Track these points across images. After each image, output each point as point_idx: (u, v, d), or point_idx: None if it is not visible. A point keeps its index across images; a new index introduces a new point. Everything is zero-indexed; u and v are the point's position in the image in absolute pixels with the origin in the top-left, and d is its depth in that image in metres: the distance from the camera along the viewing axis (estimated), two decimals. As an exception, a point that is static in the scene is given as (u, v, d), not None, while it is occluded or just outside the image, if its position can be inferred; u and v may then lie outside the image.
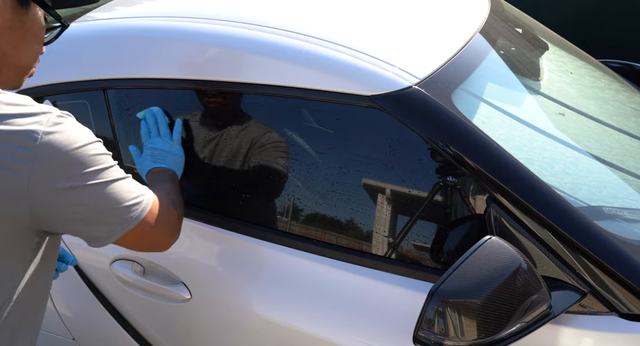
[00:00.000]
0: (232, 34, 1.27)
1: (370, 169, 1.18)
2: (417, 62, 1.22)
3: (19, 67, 0.92)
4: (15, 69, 0.92)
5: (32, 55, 0.93)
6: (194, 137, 1.32)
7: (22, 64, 0.92)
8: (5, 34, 0.87)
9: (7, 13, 0.86)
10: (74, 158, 0.82)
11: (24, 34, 0.89)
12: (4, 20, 0.86)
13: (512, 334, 0.97)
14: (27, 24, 0.89)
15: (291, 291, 1.23)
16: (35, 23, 0.91)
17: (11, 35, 0.87)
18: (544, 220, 1.06)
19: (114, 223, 0.89)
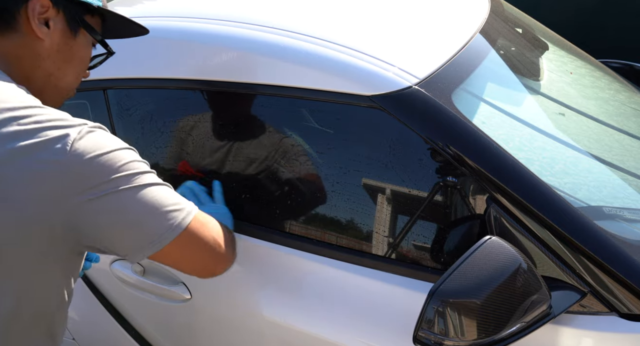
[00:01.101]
0: (232, 33, 1.27)
1: (370, 169, 1.18)
2: (417, 62, 1.22)
3: (59, 87, 0.94)
4: (56, 89, 0.94)
5: (75, 77, 0.96)
6: (192, 136, 1.32)
7: (64, 85, 0.94)
8: (52, 56, 0.90)
9: (56, 36, 0.89)
10: (106, 162, 0.80)
11: (70, 57, 0.92)
12: (52, 42, 0.89)
13: (512, 334, 0.97)
14: (74, 47, 0.92)
15: (291, 291, 1.23)
16: (82, 47, 0.94)
17: (57, 57, 0.90)
18: (544, 220, 1.06)
19: (150, 233, 0.84)
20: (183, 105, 1.34)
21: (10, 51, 0.86)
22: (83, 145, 0.78)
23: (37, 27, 0.86)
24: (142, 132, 1.36)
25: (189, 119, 1.33)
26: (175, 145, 1.35)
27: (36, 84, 0.91)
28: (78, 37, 0.92)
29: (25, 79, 0.89)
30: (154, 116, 1.36)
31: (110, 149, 0.81)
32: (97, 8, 0.94)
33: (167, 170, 1.36)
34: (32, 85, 0.90)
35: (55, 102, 0.95)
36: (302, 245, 1.23)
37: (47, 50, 0.89)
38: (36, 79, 0.90)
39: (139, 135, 1.36)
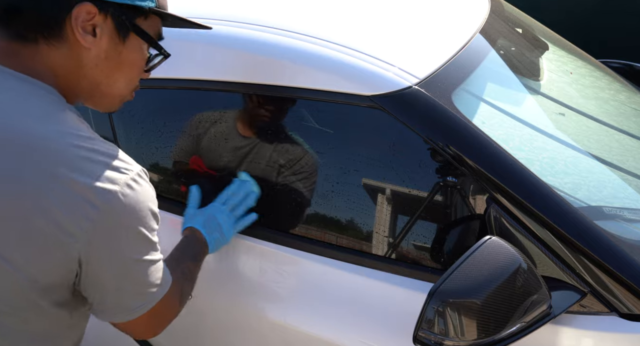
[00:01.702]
0: (232, 34, 1.27)
1: (370, 169, 1.18)
2: (417, 62, 1.22)
3: (111, 94, 0.90)
4: (108, 96, 0.90)
5: (127, 83, 0.90)
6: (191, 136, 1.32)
7: (115, 92, 0.90)
8: (100, 64, 0.84)
9: (104, 43, 0.83)
10: (135, 226, 0.80)
11: (119, 64, 0.86)
12: (100, 50, 0.83)
13: (512, 334, 0.97)
14: (124, 54, 0.86)
15: (291, 291, 1.23)
16: (133, 53, 0.87)
17: (106, 65, 0.85)
18: (544, 220, 1.06)
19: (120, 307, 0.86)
20: (182, 105, 1.34)
21: (57, 62, 0.82)
22: (120, 203, 0.77)
23: (81, 36, 0.80)
24: (142, 132, 1.36)
25: (189, 119, 1.32)
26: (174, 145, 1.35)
27: (84, 92, 0.87)
28: (128, 41, 0.85)
29: (72, 90, 0.85)
30: (154, 116, 1.36)
31: (143, 214, 0.80)
32: (149, 10, 0.86)
33: (165, 170, 1.36)
34: (80, 94, 0.87)
35: (108, 107, 0.92)
36: (302, 245, 1.23)
37: (94, 59, 0.83)
38: (83, 88, 0.86)
39: (139, 135, 1.36)
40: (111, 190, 0.76)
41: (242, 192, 1.22)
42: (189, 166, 1.33)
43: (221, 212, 1.19)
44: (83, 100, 0.89)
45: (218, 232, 1.17)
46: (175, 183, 1.36)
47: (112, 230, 0.78)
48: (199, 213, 1.19)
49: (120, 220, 0.78)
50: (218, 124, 1.31)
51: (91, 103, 0.91)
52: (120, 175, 0.78)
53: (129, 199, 0.78)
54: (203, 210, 1.20)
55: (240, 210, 1.21)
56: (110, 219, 0.77)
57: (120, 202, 0.77)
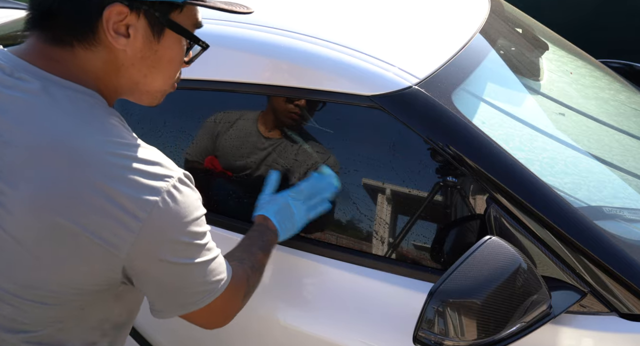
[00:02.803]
0: (232, 34, 1.27)
1: (370, 169, 1.18)
2: (417, 62, 1.22)
3: (150, 91, 0.88)
4: (148, 93, 0.89)
5: (166, 78, 0.88)
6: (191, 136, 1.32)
7: (155, 89, 0.88)
8: (137, 63, 0.83)
9: (138, 43, 0.80)
10: (178, 234, 0.79)
11: (156, 62, 0.84)
12: (135, 50, 0.81)
13: (512, 334, 0.97)
14: (160, 51, 0.83)
15: (291, 291, 1.23)
16: (169, 49, 0.84)
17: (142, 64, 0.83)
18: (544, 220, 1.06)
19: (180, 303, 0.86)
20: (182, 105, 1.34)
21: (96, 65, 0.80)
22: (163, 212, 0.76)
23: (113, 39, 0.78)
24: (142, 132, 1.36)
25: (188, 119, 1.33)
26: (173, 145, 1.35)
27: (124, 90, 0.86)
28: (163, 39, 0.83)
29: (114, 91, 0.85)
30: (154, 116, 1.36)
31: (188, 219, 0.79)
32: (184, 2, 0.83)
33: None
34: (121, 92, 0.87)
35: (149, 102, 0.91)
36: (302, 245, 1.23)
37: (130, 59, 0.81)
38: (122, 87, 0.85)
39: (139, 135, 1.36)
40: (152, 201, 0.75)
41: (324, 182, 1.20)
42: (205, 166, 1.33)
43: (296, 201, 1.17)
44: (124, 96, 0.89)
45: (290, 221, 1.16)
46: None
47: (155, 241, 0.77)
48: (272, 200, 1.17)
49: (163, 230, 0.77)
50: (218, 124, 1.31)
51: (132, 99, 0.90)
52: (161, 183, 0.76)
53: (170, 208, 0.77)
54: (278, 197, 1.18)
55: (317, 200, 1.19)
56: (153, 230, 0.76)
57: (161, 212, 0.76)
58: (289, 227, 1.15)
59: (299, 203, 1.17)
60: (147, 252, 0.77)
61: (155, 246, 0.77)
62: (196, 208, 0.82)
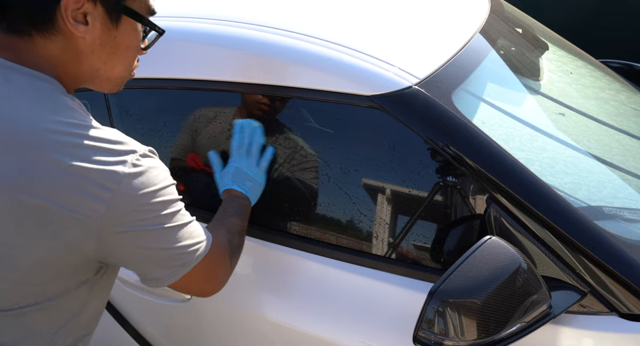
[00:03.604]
0: (232, 34, 1.27)
1: (370, 169, 1.18)
2: (417, 62, 1.22)
3: (112, 78, 0.91)
4: (109, 80, 0.91)
5: (125, 65, 0.91)
6: (191, 136, 1.32)
7: (115, 75, 0.90)
8: (96, 50, 0.85)
9: (97, 30, 0.83)
10: (147, 202, 0.81)
11: (115, 49, 0.87)
12: (94, 37, 0.83)
13: (512, 334, 0.97)
14: (118, 38, 0.86)
15: (291, 291, 1.23)
16: (127, 35, 0.87)
17: (102, 50, 0.86)
18: (544, 220, 1.06)
19: (172, 267, 0.88)
20: (183, 106, 1.34)
21: (55, 53, 0.83)
22: (131, 183, 0.79)
23: (73, 27, 0.81)
24: (141, 132, 1.36)
25: (189, 119, 1.33)
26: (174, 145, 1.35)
27: (84, 78, 0.89)
28: (121, 25, 0.85)
29: (74, 78, 0.87)
30: (154, 116, 1.36)
31: (157, 187, 0.82)
32: None
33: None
34: (81, 80, 0.89)
35: (110, 89, 0.93)
36: (302, 245, 1.23)
37: (89, 46, 0.84)
38: (84, 75, 0.88)
39: (139, 135, 1.36)
40: (120, 172, 0.78)
41: (247, 133, 1.24)
42: (187, 163, 1.34)
43: (240, 161, 1.21)
44: (85, 84, 0.91)
45: (249, 179, 1.19)
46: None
47: (127, 210, 0.80)
48: (224, 174, 1.22)
49: (134, 199, 0.80)
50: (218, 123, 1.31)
51: (94, 87, 0.92)
52: (127, 157, 0.80)
53: (139, 178, 0.80)
54: (226, 168, 1.22)
55: (255, 149, 1.23)
56: (124, 199, 0.78)
57: (130, 182, 0.79)
58: (251, 185, 1.19)
59: (244, 161, 1.21)
60: (120, 222, 0.80)
61: (128, 215, 0.80)
62: (164, 178, 0.85)
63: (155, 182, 0.82)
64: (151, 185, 0.82)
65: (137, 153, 0.82)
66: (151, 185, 0.82)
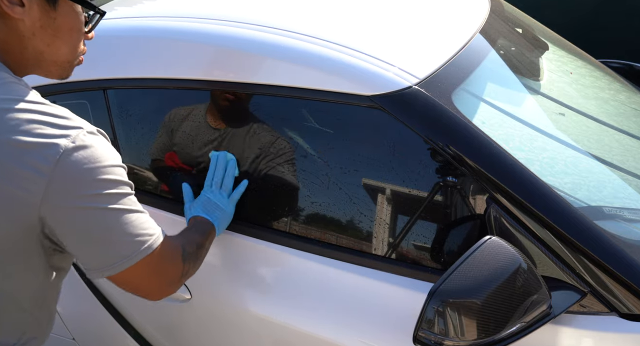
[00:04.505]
0: (232, 34, 1.27)
1: (370, 169, 1.18)
2: (417, 62, 1.22)
3: (57, 62, 0.90)
4: (55, 64, 0.90)
5: (70, 48, 0.90)
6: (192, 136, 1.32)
7: (61, 59, 0.90)
8: (37, 33, 0.85)
9: (35, 12, 0.83)
10: (90, 178, 0.80)
11: (56, 31, 0.86)
12: (33, 20, 0.83)
13: (512, 334, 0.97)
14: (58, 19, 0.86)
15: (291, 291, 1.23)
16: (67, 17, 0.87)
17: (44, 33, 0.85)
18: (544, 220, 1.06)
19: (114, 255, 0.85)
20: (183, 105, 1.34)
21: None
22: (74, 156, 0.78)
23: (8, 9, 0.81)
24: (142, 132, 1.36)
25: (189, 119, 1.33)
26: (174, 145, 1.35)
27: (30, 62, 0.88)
28: (59, 7, 0.85)
29: (19, 62, 0.87)
30: (154, 116, 1.36)
31: (102, 164, 0.81)
32: None
33: (167, 169, 1.36)
34: (28, 65, 0.88)
35: (59, 74, 0.93)
36: (302, 245, 1.23)
37: (29, 29, 0.84)
38: (29, 59, 0.87)
39: (139, 135, 1.36)
40: (61, 145, 0.77)
41: (221, 165, 1.25)
42: (165, 162, 1.34)
43: (212, 192, 1.22)
44: (33, 70, 0.90)
45: (218, 210, 1.19)
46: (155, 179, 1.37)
47: (68, 185, 0.79)
48: (194, 204, 1.22)
49: (75, 174, 0.79)
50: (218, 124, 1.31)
51: (42, 73, 0.92)
52: (71, 132, 0.79)
53: (82, 153, 0.79)
54: (197, 199, 1.23)
55: (228, 182, 1.24)
56: (64, 173, 0.78)
57: (72, 156, 0.78)
58: (219, 215, 1.19)
59: (216, 192, 1.21)
60: (61, 197, 0.79)
61: (70, 191, 0.79)
62: (110, 157, 0.83)
63: (99, 159, 0.81)
64: (95, 162, 0.80)
65: (84, 129, 0.81)
66: (95, 162, 0.80)
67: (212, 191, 1.22)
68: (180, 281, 0.99)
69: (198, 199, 1.22)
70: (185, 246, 1.01)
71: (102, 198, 0.82)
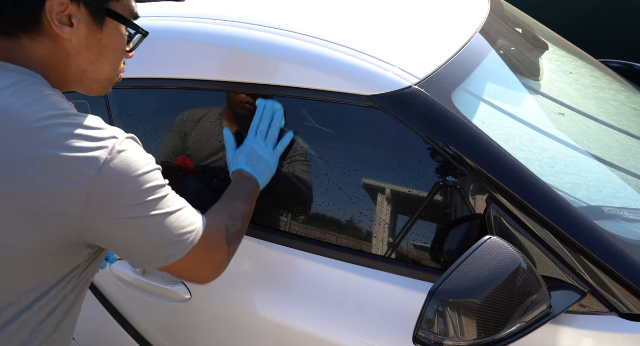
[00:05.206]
0: (232, 34, 1.27)
1: (370, 169, 1.18)
2: (417, 62, 1.22)
3: (99, 80, 0.92)
4: (97, 82, 0.92)
5: (113, 67, 0.92)
6: (192, 136, 1.32)
7: (103, 77, 0.92)
8: (83, 52, 0.87)
9: (82, 32, 0.85)
10: (129, 189, 0.81)
11: (101, 50, 0.89)
12: (80, 39, 0.85)
13: (512, 334, 0.97)
14: (104, 40, 0.88)
15: (291, 291, 1.23)
16: (112, 37, 0.89)
17: (89, 52, 0.87)
18: (544, 220, 1.06)
19: (164, 251, 0.87)
20: (183, 105, 1.34)
21: (43, 54, 0.84)
22: (112, 168, 0.78)
23: (58, 29, 0.83)
24: (142, 132, 1.36)
25: (189, 119, 1.33)
26: (175, 145, 1.35)
27: (72, 79, 0.90)
28: (106, 27, 0.88)
29: (62, 79, 0.88)
30: (155, 116, 1.36)
31: (139, 172, 0.82)
32: None
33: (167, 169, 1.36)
34: (70, 82, 0.90)
35: (99, 92, 0.94)
36: (302, 245, 1.23)
37: (75, 48, 0.86)
38: (71, 76, 0.89)
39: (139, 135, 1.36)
40: (100, 158, 0.78)
41: (268, 114, 1.22)
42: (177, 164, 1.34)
43: (257, 142, 1.19)
44: (74, 87, 0.92)
45: (262, 162, 1.18)
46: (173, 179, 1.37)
47: (109, 197, 0.79)
48: (238, 154, 1.20)
49: (115, 186, 0.79)
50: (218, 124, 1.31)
51: (82, 90, 0.93)
52: (108, 143, 0.80)
53: (119, 164, 0.79)
54: (241, 148, 1.21)
55: (274, 133, 1.21)
56: (104, 186, 0.78)
57: (111, 168, 0.78)
58: (263, 168, 1.18)
59: (261, 142, 1.19)
60: (102, 210, 0.79)
61: (110, 203, 0.80)
62: (146, 164, 0.84)
63: (136, 167, 0.81)
64: (132, 172, 0.81)
65: (118, 139, 0.81)
66: (132, 172, 0.81)
67: (257, 141, 1.19)
68: (226, 263, 1.01)
69: (241, 149, 1.20)
70: (229, 226, 1.02)
71: (142, 207, 0.83)
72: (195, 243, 0.90)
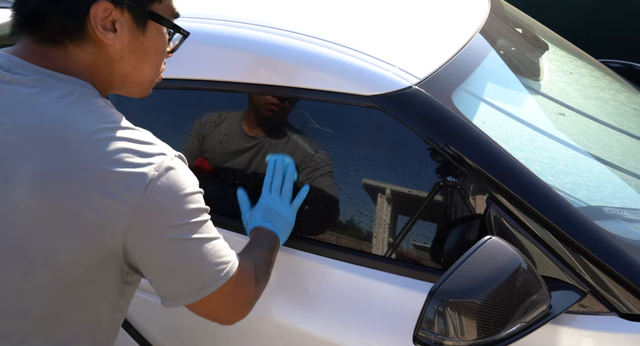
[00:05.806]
0: (232, 34, 1.27)
1: (370, 169, 1.18)
2: (417, 62, 1.22)
3: (140, 83, 0.92)
4: (138, 85, 0.92)
5: (154, 69, 0.92)
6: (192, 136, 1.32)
7: (144, 80, 0.92)
8: (126, 56, 0.87)
9: (125, 36, 0.85)
10: (175, 208, 0.80)
11: (143, 54, 0.88)
12: (123, 44, 0.85)
13: (512, 334, 0.97)
14: (146, 43, 0.88)
15: (292, 291, 1.23)
16: (154, 40, 0.89)
17: (131, 56, 0.87)
18: (544, 220, 1.06)
19: (189, 287, 0.85)
20: (183, 105, 1.34)
21: (88, 60, 0.85)
22: (159, 186, 0.78)
23: (102, 35, 0.83)
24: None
25: (190, 119, 1.33)
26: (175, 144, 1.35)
27: (115, 83, 0.90)
28: (148, 29, 0.87)
29: (105, 84, 0.88)
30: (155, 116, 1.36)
31: (184, 192, 0.81)
32: None
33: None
34: (112, 86, 0.90)
35: (140, 94, 0.95)
36: (302, 245, 1.23)
37: (118, 53, 0.86)
38: (114, 80, 0.89)
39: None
40: (147, 175, 0.78)
41: (279, 169, 1.21)
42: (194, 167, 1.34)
43: (272, 199, 1.18)
44: (116, 90, 0.92)
45: (280, 219, 1.16)
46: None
47: (153, 215, 0.79)
48: (254, 212, 1.18)
49: (160, 204, 0.79)
50: (220, 125, 1.31)
51: (124, 92, 0.94)
52: (156, 159, 0.79)
53: (166, 182, 0.79)
54: (256, 207, 1.19)
55: (288, 187, 1.20)
56: (150, 203, 0.78)
57: (157, 186, 0.78)
58: (282, 224, 1.16)
59: (276, 198, 1.18)
60: (146, 227, 0.79)
61: (154, 221, 0.79)
62: (192, 185, 0.84)
63: (182, 187, 0.81)
64: (178, 191, 0.80)
65: (167, 156, 0.81)
66: (178, 191, 0.80)
67: (272, 197, 1.18)
68: (252, 304, 0.99)
69: (257, 207, 1.18)
70: (257, 266, 1.00)
71: (184, 229, 0.82)
72: (229, 277, 0.87)
